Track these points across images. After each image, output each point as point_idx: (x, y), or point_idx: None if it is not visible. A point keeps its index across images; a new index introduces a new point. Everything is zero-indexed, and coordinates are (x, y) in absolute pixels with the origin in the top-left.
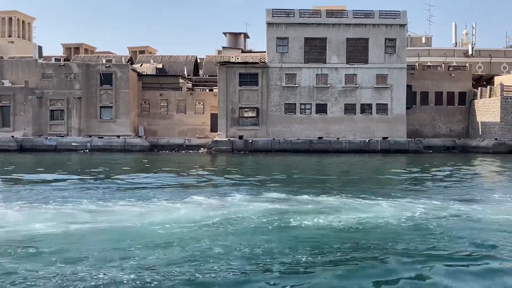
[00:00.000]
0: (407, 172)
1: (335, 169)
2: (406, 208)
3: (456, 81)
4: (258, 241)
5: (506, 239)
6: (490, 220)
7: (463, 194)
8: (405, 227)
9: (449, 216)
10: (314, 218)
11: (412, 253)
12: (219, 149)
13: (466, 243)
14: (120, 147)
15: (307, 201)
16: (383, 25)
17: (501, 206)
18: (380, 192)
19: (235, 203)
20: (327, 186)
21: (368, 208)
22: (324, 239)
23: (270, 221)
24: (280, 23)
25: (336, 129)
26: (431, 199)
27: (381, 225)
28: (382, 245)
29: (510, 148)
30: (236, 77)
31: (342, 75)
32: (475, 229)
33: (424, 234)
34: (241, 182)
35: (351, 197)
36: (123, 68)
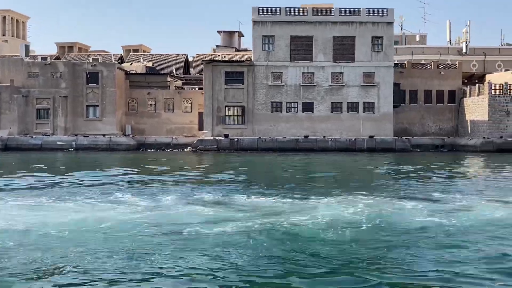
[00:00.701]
0: (384, 171)
1: (311, 168)
2: (346, 206)
3: (445, 79)
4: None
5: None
6: (430, 220)
7: (417, 192)
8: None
9: (383, 214)
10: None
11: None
12: (204, 148)
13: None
14: (106, 146)
15: (253, 202)
16: (370, 23)
17: (454, 206)
18: (328, 192)
19: (169, 205)
20: (286, 186)
21: (323, 209)
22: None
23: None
24: (266, 21)
25: (323, 127)
26: (384, 197)
27: (323, 227)
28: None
29: (498, 147)
30: (222, 75)
31: (328, 73)
32: (411, 229)
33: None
34: (208, 181)
35: (302, 197)
36: (109, 67)
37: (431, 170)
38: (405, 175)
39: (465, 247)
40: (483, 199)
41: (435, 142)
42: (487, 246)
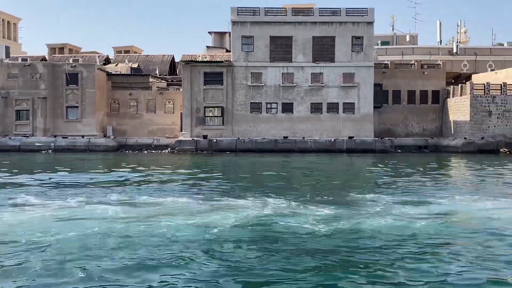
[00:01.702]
0: (344, 173)
1: (279, 169)
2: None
3: (429, 79)
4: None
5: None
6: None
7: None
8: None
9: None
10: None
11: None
12: (183, 149)
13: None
14: (84, 147)
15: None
16: (350, 23)
17: (399, 209)
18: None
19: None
20: (248, 187)
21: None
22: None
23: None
24: (245, 21)
25: (303, 128)
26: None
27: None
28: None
29: (479, 148)
30: (200, 76)
31: (308, 74)
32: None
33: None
34: (157, 182)
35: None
36: (89, 68)
37: (402, 172)
38: (376, 177)
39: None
40: (441, 201)
41: (418, 143)
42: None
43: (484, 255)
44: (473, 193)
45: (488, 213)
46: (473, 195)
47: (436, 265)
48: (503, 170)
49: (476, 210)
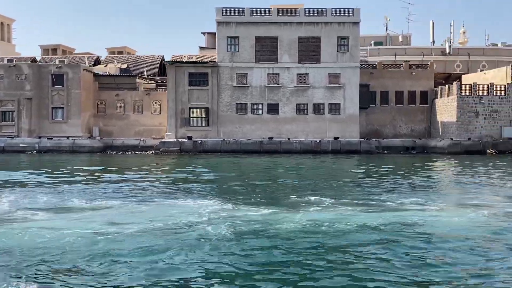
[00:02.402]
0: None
1: (255, 171)
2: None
3: (417, 80)
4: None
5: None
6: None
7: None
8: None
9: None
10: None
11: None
12: (167, 150)
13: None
14: (69, 148)
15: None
16: (336, 23)
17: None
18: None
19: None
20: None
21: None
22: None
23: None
24: (231, 22)
25: (288, 129)
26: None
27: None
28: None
29: (466, 148)
30: (185, 76)
31: (294, 74)
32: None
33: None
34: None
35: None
36: (74, 69)
37: (376, 173)
38: (351, 179)
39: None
40: (413, 204)
41: (405, 144)
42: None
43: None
44: (426, 196)
45: (432, 219)
46: (424, 198)
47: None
48: (480, 171)
49: (417, 215)
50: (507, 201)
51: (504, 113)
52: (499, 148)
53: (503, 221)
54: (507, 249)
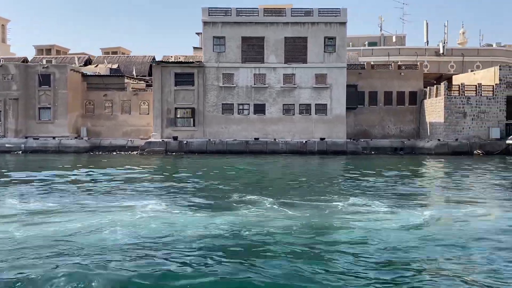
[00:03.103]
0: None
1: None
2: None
3: (406, 80)
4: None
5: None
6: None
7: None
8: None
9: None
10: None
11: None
12: (152, 151)
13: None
14: (55, 148)
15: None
16: (323, 23)
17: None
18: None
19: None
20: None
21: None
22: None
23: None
24: (217, 22)
25: (275, 130)
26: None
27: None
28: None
29: (453, 149)
30: (171, 76)
31: (280, 75)
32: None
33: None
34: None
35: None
36: (61, 69)
37: (353, 175)
38: (326, 181)
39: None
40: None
41: (394, 145)
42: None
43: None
44: (374, 198)
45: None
46: (371, 200)
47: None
48: (455, 173)
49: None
50: (470, 207)
51: (492, 114)
52: (487, 149)
53: (450, 227)
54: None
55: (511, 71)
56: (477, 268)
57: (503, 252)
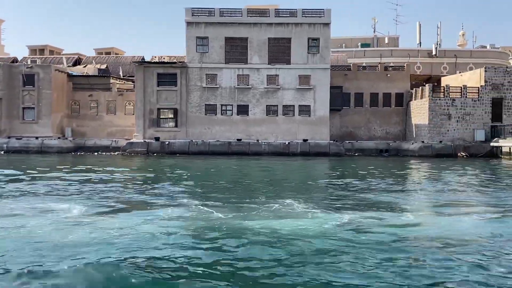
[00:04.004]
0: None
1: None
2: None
3: (393, 81)
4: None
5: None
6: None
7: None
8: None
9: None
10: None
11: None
12: (134, 151)
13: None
14: (37, 148)
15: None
16: (306, 24)
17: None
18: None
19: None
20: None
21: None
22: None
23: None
24: (200, 22)
25: (258, 131)
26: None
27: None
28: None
29: (437, 151)
30: (154, 77)
31: (264, 75)
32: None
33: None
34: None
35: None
36: (46, 69)
37: (323, 176)
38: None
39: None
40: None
41: (379, 147)
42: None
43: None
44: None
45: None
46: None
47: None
48: (427, 175)
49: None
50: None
51: (477, 116)
52: (471, 151)
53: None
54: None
55: (496, 72)
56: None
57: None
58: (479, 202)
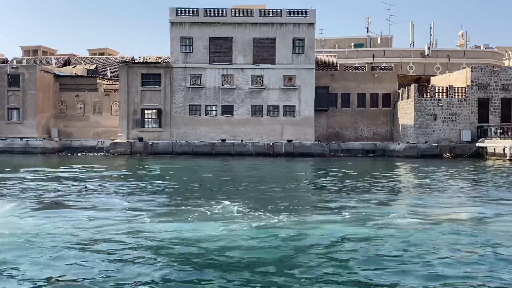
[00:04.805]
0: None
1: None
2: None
3: (380, 82)
4: None
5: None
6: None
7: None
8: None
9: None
10: None
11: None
12: (117, 152)
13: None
14: (22, 149)
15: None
16: (291, 24)
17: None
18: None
19: None
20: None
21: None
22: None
23: None
24: (184, 22)
25: (243, 131)
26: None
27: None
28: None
29: (422, 152)
30: (138, 77)
31: (248, 76)
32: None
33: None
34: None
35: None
36: (31, 70)
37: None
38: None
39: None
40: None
41: (365, 147)
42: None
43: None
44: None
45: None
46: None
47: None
48: (401, 177)
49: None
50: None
51: (463, 116)
52: (456, 152)
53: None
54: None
55: (483, 72)
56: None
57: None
58: (427, 206)
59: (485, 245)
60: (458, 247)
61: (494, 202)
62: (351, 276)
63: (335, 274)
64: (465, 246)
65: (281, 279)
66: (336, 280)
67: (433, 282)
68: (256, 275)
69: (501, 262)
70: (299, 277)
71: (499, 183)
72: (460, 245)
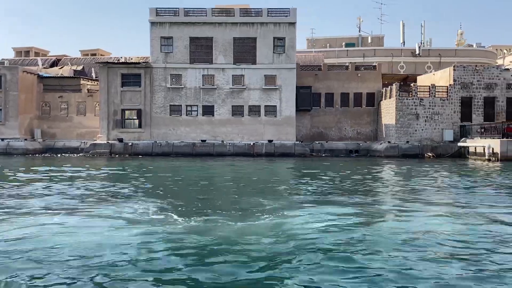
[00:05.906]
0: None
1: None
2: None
3: (364, 81)
4: None
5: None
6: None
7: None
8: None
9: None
10: None
11: None
12: (97, 153)
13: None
14: (2, 150)
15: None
16: (272, 23)
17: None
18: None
19: None
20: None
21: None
22: None
23: None
24: (164, 22)
25: (224, 131)
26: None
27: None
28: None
29: (404, 152)
30: (118, 77)
31: (229, 76)
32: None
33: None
34: None
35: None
36: (12, 71)
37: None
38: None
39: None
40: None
41: (349, 147)
42: None
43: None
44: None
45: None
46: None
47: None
48: (371, 177)
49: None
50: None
51: (445, 116)
52: (438, 152)
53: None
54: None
55: (466, 71)
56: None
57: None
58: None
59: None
60: (426, 248)
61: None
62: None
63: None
64: (412, 249)
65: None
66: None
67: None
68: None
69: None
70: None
71: (461, 185)
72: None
